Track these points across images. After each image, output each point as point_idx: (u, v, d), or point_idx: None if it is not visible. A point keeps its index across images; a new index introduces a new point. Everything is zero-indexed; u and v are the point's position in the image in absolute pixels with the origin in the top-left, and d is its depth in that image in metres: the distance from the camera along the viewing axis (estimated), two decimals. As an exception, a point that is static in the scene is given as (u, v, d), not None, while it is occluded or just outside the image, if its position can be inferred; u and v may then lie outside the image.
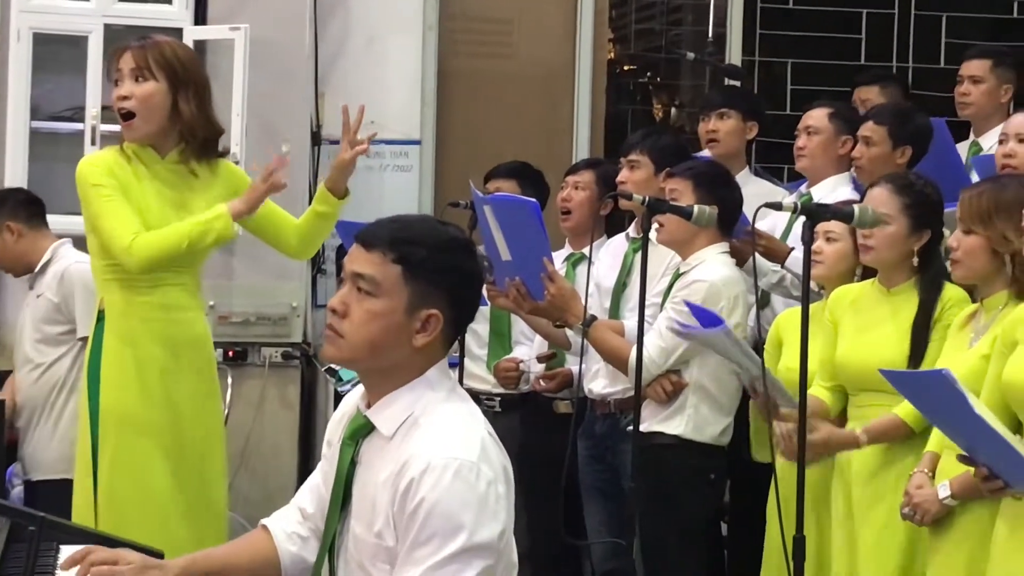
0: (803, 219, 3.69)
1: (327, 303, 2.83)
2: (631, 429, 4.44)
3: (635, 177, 5.06)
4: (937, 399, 3.13)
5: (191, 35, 6.00)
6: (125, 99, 4.17)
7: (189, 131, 4.22)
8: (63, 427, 5.25)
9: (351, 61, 6.57)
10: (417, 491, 2.64)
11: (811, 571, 3.97)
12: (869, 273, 4.26)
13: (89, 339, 4.26)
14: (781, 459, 4.38)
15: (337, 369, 5.59)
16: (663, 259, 4.77)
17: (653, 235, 4.56)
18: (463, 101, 6.80)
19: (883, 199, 4.09)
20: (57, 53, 6.18)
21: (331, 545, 2.85)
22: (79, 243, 5.26)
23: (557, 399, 5.26)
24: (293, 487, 6.17)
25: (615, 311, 4.94)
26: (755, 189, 5.44)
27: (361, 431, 2.82)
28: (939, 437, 3.85)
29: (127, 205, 4.13)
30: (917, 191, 4.12)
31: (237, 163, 5.88)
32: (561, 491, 4.47)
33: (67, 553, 2.87)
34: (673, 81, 7.90)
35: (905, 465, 3.96)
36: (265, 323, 6.30)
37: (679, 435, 4.65)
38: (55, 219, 5.58)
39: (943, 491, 3.69)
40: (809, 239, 3.67)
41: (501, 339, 5.55)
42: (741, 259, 4.77)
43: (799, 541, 3.55)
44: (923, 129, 5.09)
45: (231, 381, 5.92)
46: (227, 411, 5.84)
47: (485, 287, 4.85)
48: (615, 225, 5.35)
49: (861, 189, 4.88)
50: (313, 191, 6.37)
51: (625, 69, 7.82)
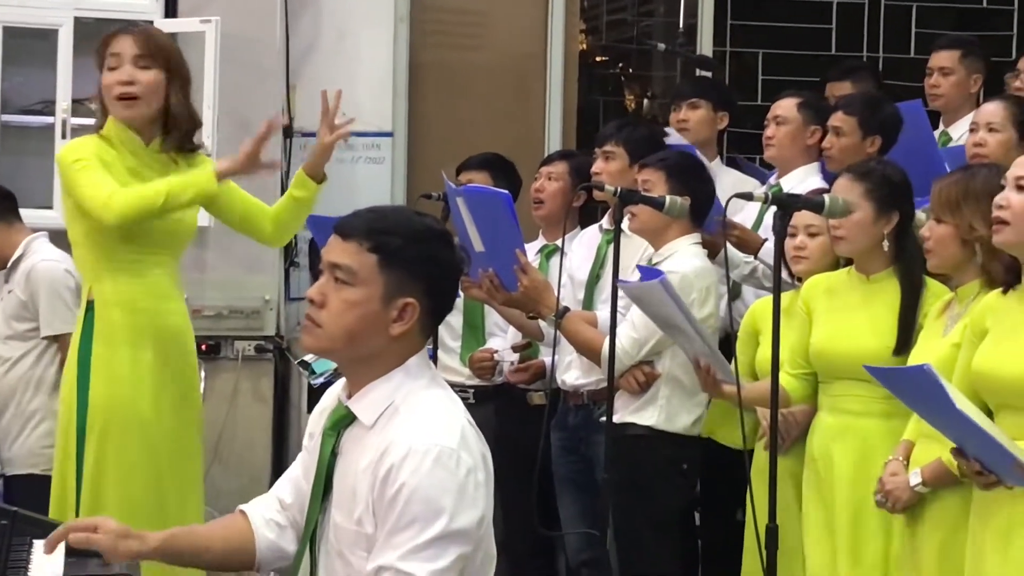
0: (774, 209, 3.71)
1: (302, 295, 2.84)
2: (604, 420, 4.45)
3: (610, 168, 5.08)
4: (921, 394, 3.14)
5: (161, 28, 5.96)
6: (129, 84, 4.14)
7: (174, 122, 4.21)
8: (32, 423, 5.22)
9: (322, 53, 6.57)
10: (397, 477, 2.66)
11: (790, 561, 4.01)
12: (850, 264, 4.25)
13: (77, 330, 4.19)
14: (762, 449, 4.42)
15: (310, 362, 5.58)
16: (636, 250, 4.78)
17: (626, 226, 4.58)
18: (435, 93, 6.80)
19: (845, 188, 4.11)
20: (27, 46, 6.16)
21: (312, 535, 2.86)
22: (54, 237, 5.25)
23: (531, 391, 5.27)
24: (267, 480, 6.18)
25: (588, 303, 4.95)
26: (726, 179, 5.47)
27: (342, 421, 2.84)
28: (915, 425, 3.86)
29: (106, 172, 4.08)
30: (878, 175, 4.13)
31: (208, 156, 5.88)
32: (535, 483, 4.48)
33: (41, 547, 2.87)
34: (645, 72, 7.92)
35: (879, 452, 3.98)
36: (238, 316, 6.29)
37: (651, 426, 4.68)
38: (26, 213, 5.55)
39: (914, 479, 3.71)
40: (781, 229, 3.68)
41: (474, 331, 5.56)
42: (714, 251, 4.78)
43: (772, 531, 3.55)
44: (892, 119, 5.11)
45: (204, 375, 5.90)
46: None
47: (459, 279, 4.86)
48: (589, 217, 5.36)
49: (830, 179, 4.90)
50: (285, 183, 6.38)
51: (597, 60, 7.82)
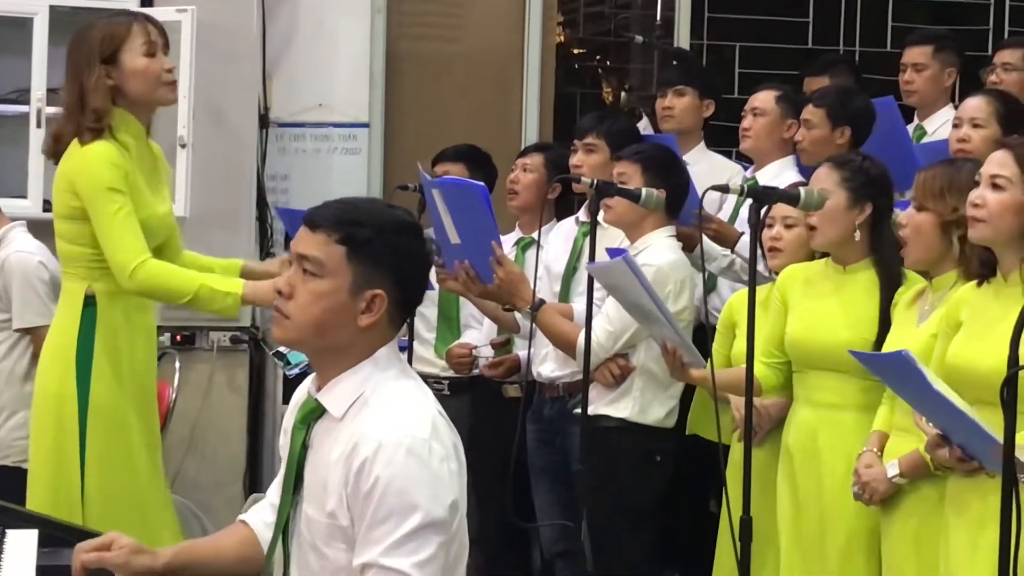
0: (750, 202, 3.71)
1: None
2: (578, 412, 4.46)
3: (591, 161, 5.09)
4: (902, 379, 3.15)
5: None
6: (171, 71, 4.18)
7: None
8: (3, 415, 5.18)
9: (299, 43, 6.55)
10: (371, 471, 2.66)
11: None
12: (826, 256, 4.25)
13: (73, 325, 4.15)
14: (736, 441, 4.43)
15: (285, 353, 5.58)
16: (612, 243, 4.79)
17: (602, 218, 4.58)
18: (412, 84, 6.79)
19: (823, 177, 4.12)
20: (2, 35, 6.12)
21: (284, 529, 2.86)
22: (32, 227, 5.22)
23: (506, 383, 5.28)
24: (242, 471, 6.18)
25: (565, 295, 4.96)
26: (709, 165, 5.49)
27: (312, 414, 2.83)
28: (886, 416, 3.89)
29: (135, 220, 4.06)
30: (855, 166, 4.14)
31: (184, 146, 5.88)
32: (511, 475, 4.49)
33: (14, 537, 2.87)
34: (622, 64, 7.93)
35: (853, 444, 3.98)
36: (213, 307, 6.27)
37: (625, 418, 4.70)
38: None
39: (892, 470, 3.72)
40: (756, 221, 3.69)
41: (449, 323, 5.56)
42: (691, 244, 4.79)
43: (746, 522, 3.57)
44: (862, 110, 5.12)
45: (179, 365, 5.91)
46: (175, 395, 5.84)
47: (435, 270, 4.87)
48: (567, 210, 5.36)
49: (806, 173, 4.91)
50: (260, 174, 6.38)
51: (574, 52, 7.83)
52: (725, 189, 3.91)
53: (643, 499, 4.74)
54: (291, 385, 5.56)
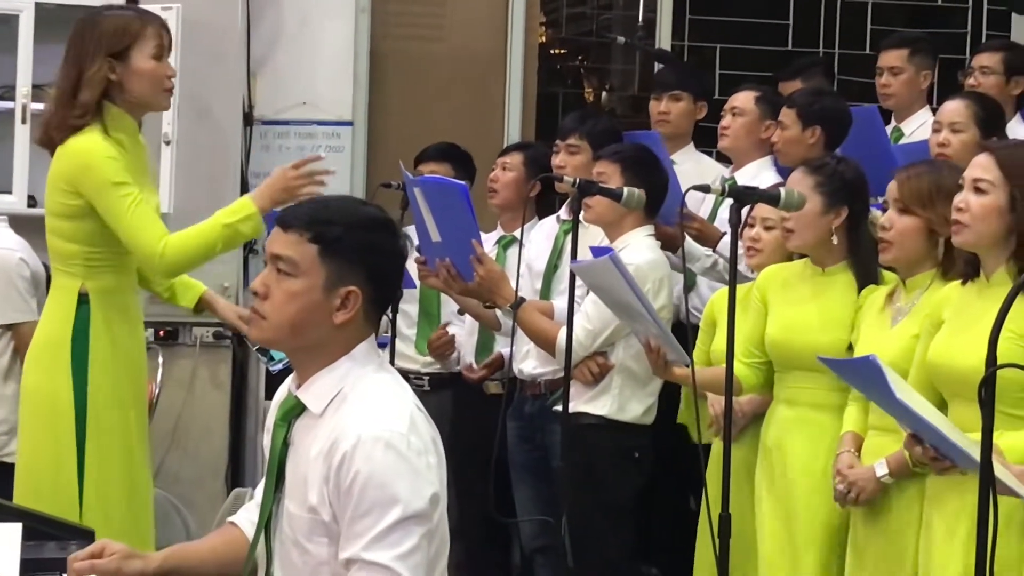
0: (730, 202, 3.74)
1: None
2: (557, 409, 4.49)
3: (574, 162, 5.12)
4: (871, 384, 3.17)
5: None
6: (172, 78, 4.19)
7: None
8: None
9: (284, 42, 6.56)
10: (351, 465, 2.68)
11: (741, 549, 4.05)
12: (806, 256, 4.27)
13: (66, 322, 4.13)
14: (715, 438, 4.46)
15: (268, 349, 5.59)
16: (593, 241, 4.82)
17: (582, 217, 4.62)
18: (396, 83, 6.81)
19: (798, 180, 4.13)
20: (-12, 31, 6.14)
21: (267, 525, 2.88)
22: (14, 223, 5.23)
23: (488, 379, 5.31)
24: (224, 467, 6.19)
25: (546, 292, 4.99)
26: (695, 166, 5.52)
27: (292, 411, 2.86)
28: (859, 416, 3.91)
29: (148, 205, 4.06)
30: (831, 170, 4.15)
31: (168, 143, 5.89)
32: (492, 470, 4.52)
33: None
34: (604, 65, 7.95)
35: (832, 443, 4.02)
36: (196, 303, 6.28)
37: (604, 415, 4.73)
38: (-15, 198, 5.55)
39: (880, 469, 3.74)
40: (736, 221, 3.70)
41: (430, 319, 5.58)
42: (672, 244, 4.83)
43: (724, 519, 3.59)
44: (831, 111, 5.11)
45: (162, 361, 5.91)
46: (158, 391, 5.84)
47: (417, 267, 4.91)
48: (549, 208, 5.40)
49: (784, 174, 4.95)
50: (245, 171, 6.40)
51: (556, 52, 7.85)
52: (706, 189, 3.93)
53: (622, 496, 4.78)
54: (274, 381, 5.58)
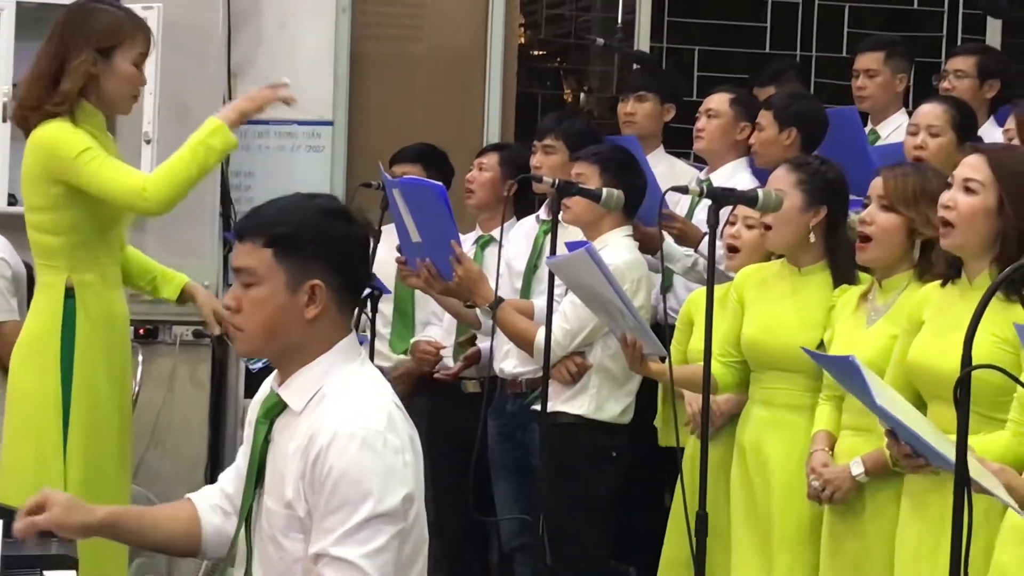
0: (708, 203, 3.77)
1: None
2: (536, 408, 4.52)
3: (550, 162, 5.16)
4: (850, 382, 3.19)
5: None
6: (143, 86, 4.24)
7: None
8: None
9: (264, 41, 6.56)
10: (326, 461, 2.71)
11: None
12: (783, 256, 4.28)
13: (55, 318, 4.14)
14: (690, 438, 4.49)
15: (253, 358, 5.61)
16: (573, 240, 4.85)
17: (561, 217, 4.64)
18: (376, 83, 6.81)
19: (780, 178, 4.16)
20: (-32, 29, 6.12)
21: (247, 522, 2.91)
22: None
23: (465, 378, 5.33)
24: (203, 464, 6.19)
25: (527, 292, 5.02)
26: (667, 168, 5.55)
27: (274, 409, 2.88)
28: (829, 416, 3.93)
29: (117, 160, 4.06)
30: (813, 169, 4.18)
31: (149, 142, 5.90)
32: (471, 468, 4.54)
33: None
34: (582, 66, 7.99)
35: (798, 444, 4.05)
36: (176, 301, 6.29)
37: (581, 415, 4.76)
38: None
39: (856, 468, 3.75)
40: (715, 222, 3.73)
41: (405, 319, 5.60)
42: (652, 246, 4.85)
43: (701, 517, 3.63)
44: (807, 112, 5.15)
45: (141, 359, 5.89)
46: (137, 389, 5.84)
47: (398, 267, 4.93)
48: (527, 208, 5.42)
49: (760, 175, 4.99)
50: (225, 171, 6.39)
51: (536, 54, 7.89)
52: (685, 190, 3.96)
53: (599, 494, 4.80)
54: (254, 379, 5.61)
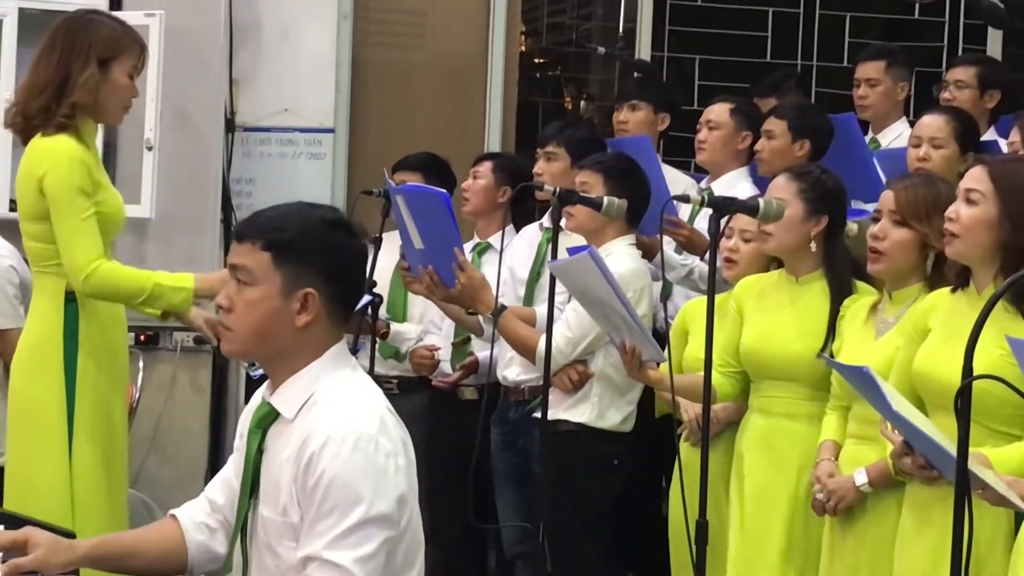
0: (708, 212, 3.77)
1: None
2: (536, 416, 4.52)
3: (552, 169, 5.17)
4: (866, 390, 3.20)
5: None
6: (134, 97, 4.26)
7: None
8: None
9: (265, 49, 6.57)
10: (318, 465, 2.72)
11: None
12: (781, 267, 4.28)
13: (59, 325, 4.14)
14: (684, 444, 4.50)
15: (240, 359, 5.62)
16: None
17: (564, 225, 4.65)
18: (377, 90, 6.83)
19: (781, 186, 4.17)
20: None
21: (243, 531, 2.92)
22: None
23: (462, 385, 5.34)
24: (203, 471, 6.20)
25: (529, 299, 5.03)
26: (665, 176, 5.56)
27: (266, 418, 2.89)
28: (836, 426, 3.93)
29: (96, 224, 4.08)
30: (814, 178, 4.18)
31: (150, 149, 5.91)
32: (470, 475, 4.54)
33: None
34: (583, 75, 8.01)
35: (804, 452, 4.05)
36: (177, 307, 6.29)
37: (583, 423, 4.76)
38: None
39: (860, 478, 3.75)
40: (716, 231, 3.74)
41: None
42: (651, 252, 4.86)
43: (702, 526, 3.62)
44: (821, 125, 5.19)
45: (142, 365, 5.92)
46: (138, 395, 5.85)
47: (400, 274, 4.94)
48: (527, 216, 5.44)
49: (760, 183, 5.00)
50: (226, 178, 6.41)
51: (536, 62, 7.91)
52: (686, 199, 3.97)
53: (599, 502, 4.81)
54: (254, 386, 5.57)
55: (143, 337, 6.12)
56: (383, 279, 5.15)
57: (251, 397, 3.05)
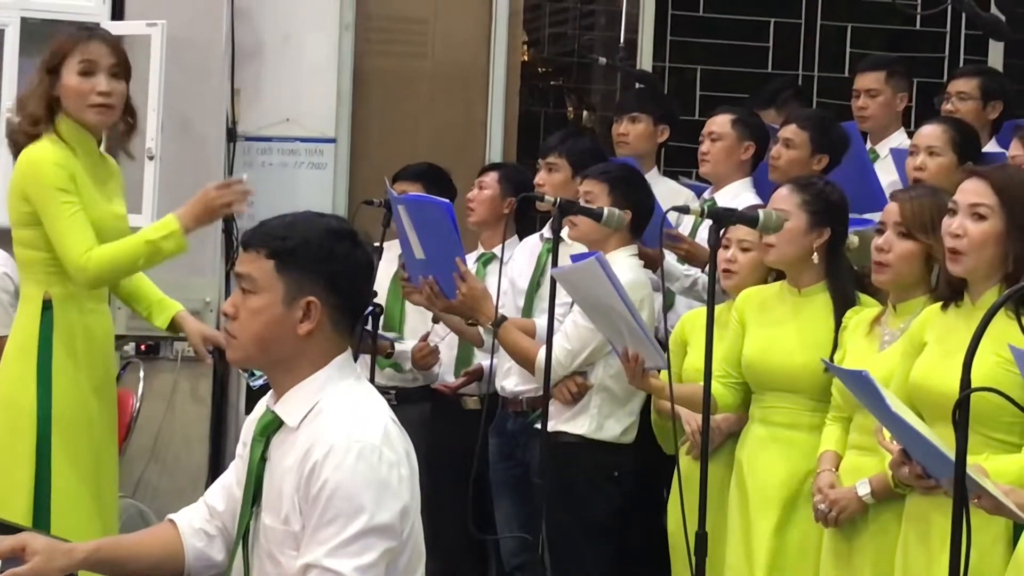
0: (709, 223, 3.77)
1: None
2: (537, 427, 4.52)
3: (553, 180, 5.18)
4: (864, 396, 3.20)
5: (108, 30, 5.98)
6: (108, 95, 4.21)
7: (129, 126, 4.32)
8: None
9: (267, 58, 6.59)
10: (320, 473, 2.73)
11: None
12: (781, 278, 4.28)
13: (32, 331, 4.18)
14: (686, 456, 4.49)
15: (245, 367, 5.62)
16: (574, 260, 4.86)
17: (566, 236, 4.65)
18: (378, 100, 6.83)
19: (784, 197, 4.17)
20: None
21: (245, 539, 2.91)
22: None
23: (465, 395, 5.34)
24: (204, 480, 6.20)
25: (529, 310, 5.03)
26: (662, 189, 5.56)
27: (270, 427, 2.89)
28: (837, 437, 3.93)
29: (84, 216, 4.11)
30: (817, 190, 4.18)
31: (152, 158, 5.92)
32: (470, 485, 4.54)
33: None
34: (585, 85, 8.01)
35: (805, 463, 4.06)
36: (178, 317, 6.29)
37: (583, 434, 4.75)
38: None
39: (863, 489, 3.74)
40: (716, 243, 3.74)
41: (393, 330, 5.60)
42: (653, 264, 4.86)
43: (701, 537, 3.61)
44: (842, 140, 5.18)
45: (143, 374, 5.93)
46: (139, 404, 5.86)
47: (400, 284, 4.94)
48: (529, 227, 5.44)
49: (764, 194, 4.99)
50: (227, 184, 6.41)
51: (538, 72, 7.92)
52: (686, 210, 3.98)
53: (600, 514, 4.79)
54: (254, 396, 5.60)
55: (144, 347, 6.13)
56: (382, 289, 5.15)
57: (252, 406, 3.05)
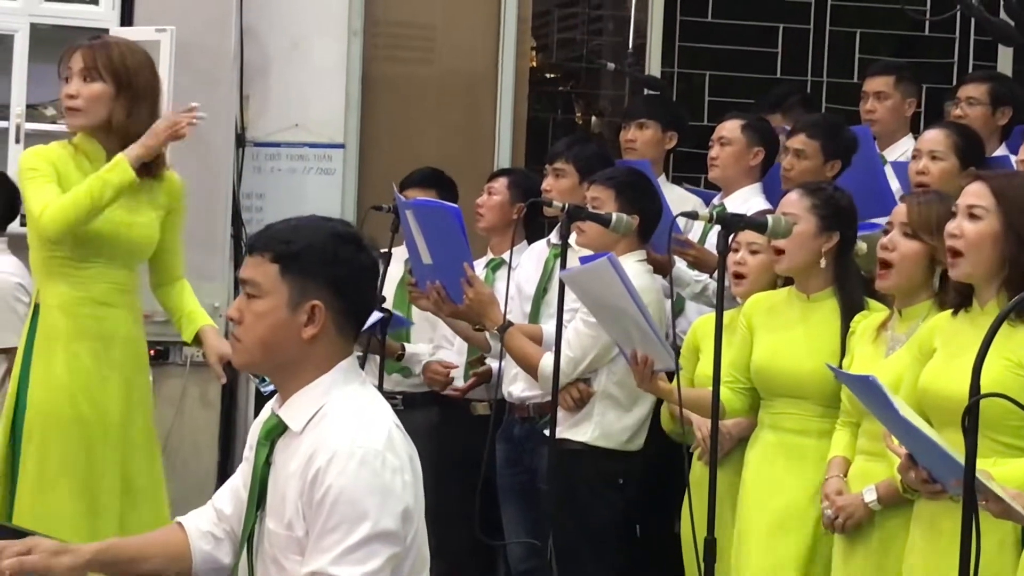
0: (718, 228, 3.78)
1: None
2: (547, 432, 4.52)
3: (560, 185, 5.18)
4: (872, 401, 3.21)
5: (117, 37, 5.99)
6: (72, 97, 4.22)
7: (124, 135, 4.25)
8: None
9: (276, 64, 6.60)
10: (324, 479, 2.72)
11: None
12: (790, 284, 4.28)
13: (24, 333, 4.25)
14: (698, 461, 4.49)
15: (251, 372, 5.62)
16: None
17: (574, 240, 4.65)
18: (387, 106, 6.84)
19: (792, 201, 4.17)
20: (-18, 51, 6.17)
21: (249, 544, 2.91)
22: (16, 241, 5.27)
23: (475, 401, 5.34)
24: (213, 486, 6.19)
25: (535, 316, 5.02)
26: (669, 196, 5.56)
27: (275, 431, 2.89)
28: (846, 442, 3.93)
29: (52, 184, 4.16)
30: (826, 194, 4.19)
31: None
32: (478, 491, 4.54)
33: None
34: (593, 90, 8.02)
35: (814, 469, 4.05)
36: (187, 322, 6.29)
37: (586, 442, 4.75)
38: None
39: (869, 495, 3.75)
40: (724, 248, 3.74)
41: (398, 339, 5.60)
42: (663, 270, 4.86)
43: (710, 543, 3.61)
44: (852, 144, 5.18)
45: (152, 380, 5.92)
46: (148, 409, 5.87)
47: (408, 288, 4.94)
48: (538, 232, 5.44)
49: (773, 200, 4.99)
50: (236, 193, 6.42)
51: (547, 77, 7.92)
52: (694, 216, 3.97)
53: (605, 521, 4.79)
54: (263, 401, 5.59)
55: (153, 352, 6.10)
56: (391, 294, 5.16)
57: (261, 409, 3.05)
